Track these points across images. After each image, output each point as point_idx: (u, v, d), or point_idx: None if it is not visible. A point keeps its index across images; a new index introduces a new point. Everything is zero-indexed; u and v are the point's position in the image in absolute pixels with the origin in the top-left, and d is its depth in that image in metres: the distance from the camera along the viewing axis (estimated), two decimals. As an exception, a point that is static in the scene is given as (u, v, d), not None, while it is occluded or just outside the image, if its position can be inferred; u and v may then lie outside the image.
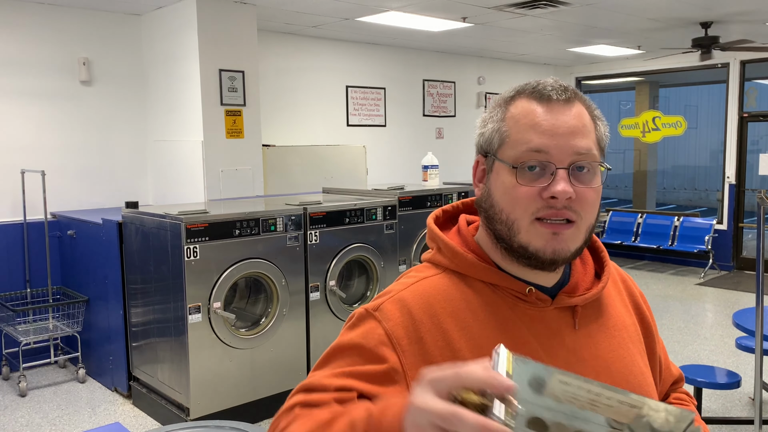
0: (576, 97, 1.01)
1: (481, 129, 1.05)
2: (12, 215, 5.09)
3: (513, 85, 1.05)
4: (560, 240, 0.97)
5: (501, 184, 0.99)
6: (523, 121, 0.98)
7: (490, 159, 1.02)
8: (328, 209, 4.30)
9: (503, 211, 0.99)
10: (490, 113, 1.04)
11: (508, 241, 0.99)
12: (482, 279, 1.03)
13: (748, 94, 8.37)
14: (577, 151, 0.97)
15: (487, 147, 1.03)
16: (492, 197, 1.01)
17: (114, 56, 5.58)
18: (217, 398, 3.87)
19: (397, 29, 6.60)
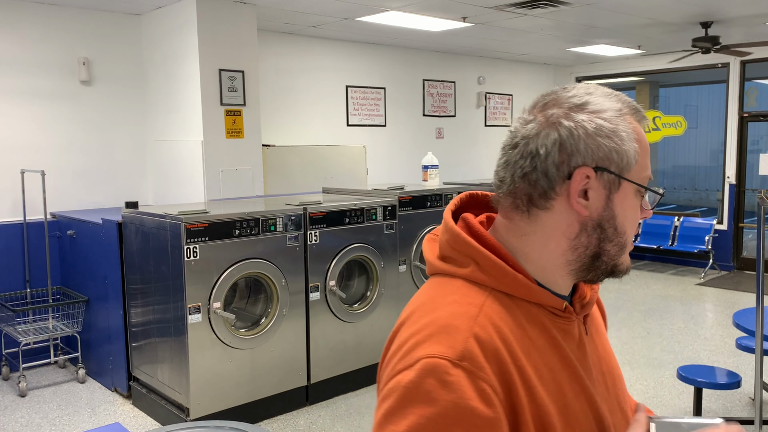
0: None
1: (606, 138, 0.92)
2: (12, 215, 5.09)
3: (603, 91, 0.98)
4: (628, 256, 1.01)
5: (630, 207, 0.95)
6: (643, 144, 0.95)
7: (613, 177, 0.93)
8: (328, 209, 4.30)
9: (625, 233, 0.96)
10: (613, 121, 0.93)
11: (611, 259, 0.97)
12: (529, 299, 0.96)
13: (749, 94, 8.36)
14: None
15: (617, 161, 0.93)
16: (616, 218, 0.95)
17: (114, 56, 5.58)
18: (217, 398, 3.87)
19: (397, 29, 6.60)
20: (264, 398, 4.09)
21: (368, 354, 4.62)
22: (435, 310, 0.93)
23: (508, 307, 0.93)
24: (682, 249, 8.36)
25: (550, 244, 0.97)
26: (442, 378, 0.83)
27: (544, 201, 0.95)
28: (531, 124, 0.95)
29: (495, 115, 9.15)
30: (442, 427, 0.82)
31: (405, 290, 4.85)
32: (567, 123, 0.92)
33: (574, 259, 0.97)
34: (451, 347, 0.85)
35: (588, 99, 0.94)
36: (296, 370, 4.23)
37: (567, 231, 0.95)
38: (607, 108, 0.93)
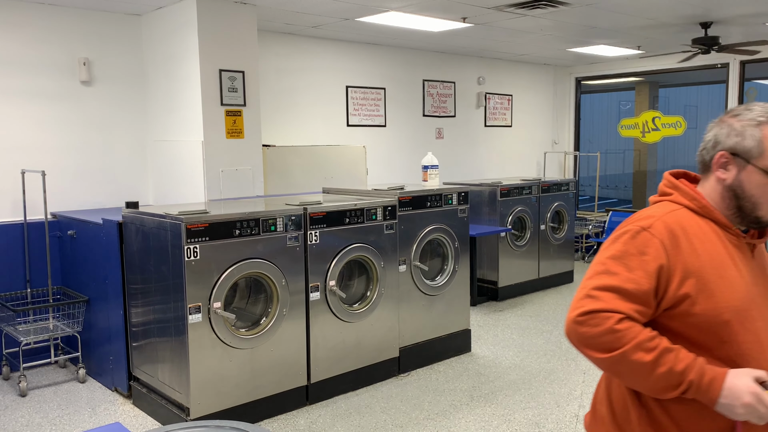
0: None
1: (737, 136, 1.57)
2: (12, 215, 5.10)
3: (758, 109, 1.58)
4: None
5: (756, 182, 1.55)
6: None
7: (741, 161, 1.57)
8: (328, 209, 4.30)
9: (753, 196, 1.56)
10: (745, 128, 1.57)
11: (749, 212, 1.58)
12: (710, 217, 1.60)
13: (748, 95, 8.37)
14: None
15: (745, 152, 1.56)
16: (743, 187, 1.57)
17: (114, 56, 5.59)
18: (217, 398, 3.88)
19: (397, 29, 6.60)
20: (264, 398, 4.09)
21: (368, 354, 4.62)
22: (648, 210, 1.65)
23: (693, 217, 1.60)
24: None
25: (714, 197, 1.63)
26: (633, 235, 1.56)
27: (708, 169, 1.64)
28: (719, 118, 1.65)
29: (495, 116, 9.15)
30: (627, 256, 1.54)
31: (405, 290, 4.86)
32: (721, 124, 1.62)
33: (727, 207, 1.61)
34: (646, 223, 1.58)
35: (740, 111, 1.60)
36: (296, 370, 4.24)
37: (717, 188, 1.63)
38: (747, 118, 1.58)
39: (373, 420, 4.10)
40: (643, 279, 1.50)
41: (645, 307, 1.51)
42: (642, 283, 1.50)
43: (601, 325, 1.47)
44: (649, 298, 1.51)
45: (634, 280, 1.50)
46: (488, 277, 7.04)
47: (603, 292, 1.51)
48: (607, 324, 1.47)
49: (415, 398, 4.43)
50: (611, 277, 1.52)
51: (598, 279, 1.54)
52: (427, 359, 5.05)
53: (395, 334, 4.79)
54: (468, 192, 5.32)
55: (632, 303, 1.50)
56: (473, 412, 4.21)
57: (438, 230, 5.07)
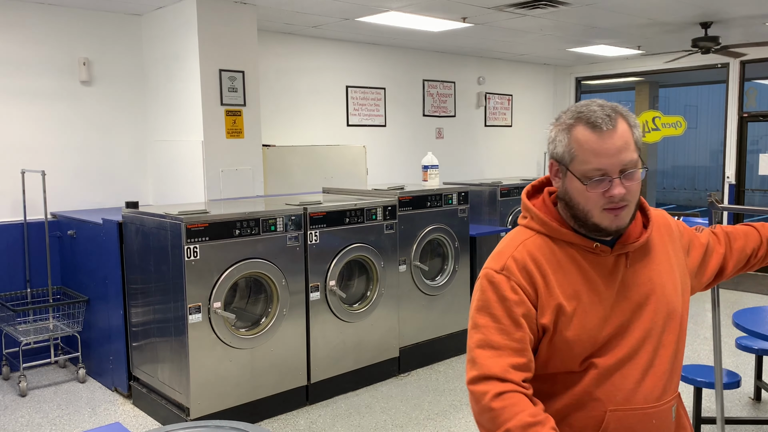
0: (618, 118, 1.43)
1: (552, 143, 1.50)
2: (12, 215, 5.10)
3: (568, 107, 1.49)
4: (620, 218, 1.45)
5: (575, 188, 1.46)
6: (585, 147, 1.43)
7: (563, 168, 1.48)
8: (328, 209, 4.30)
9: (579, 204, 1.46)
10: (557, 134, 1.48)
11: (584, 221, 1.47)
12: (563, 239, 1.50)
13: (748, 94, 8.37)
14: (624, 163, 1.42)
15: (560, 159, 1.48)
16: (569, 194, 1.48)
17: (114, 56, 5.58)
18: (217, 398, 3.88)
19: (397, 29, 6.60)
20: (264, 398, 4.09)
21: (368, 354, 4.62)
22: (502, 242, 1.57)
23: (547, 243, 1.51)
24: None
25: (562, 209, 1.53)
26: (490, 281, 1.49)
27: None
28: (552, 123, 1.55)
29: (495, 116, 9.15)
30: (490, 305, 1.46)
31: (405, 290, 4.86)
32: (549, 128, 1.53)
33: (568, 218, 1.51)
34: (497, 263, 1.50)
35: (560, 116, 1.50)
36: (296, 370, 4.24)
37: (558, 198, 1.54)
38: (561, 122, 1.48)
39: (373, 420, 4.10)
40: (511, 327, 1.43)
41: (522, 356, 1.43)
42: (511, 332, 1.43)
43: (480, 401, 1.40)
44: (525, 344, 1.43)
45: (502, 329, 1.43)
46: (488, 277, 7.02)
47: (478, 350, 1.44)
48: (483, 401, 1.39)
49: (415, 398, 4.43)
50: (480, 332, 1.45)
51: (471, 336, 1.47)
52: (427, 359, 5.05)
53: (395, 334, 4.79)
54: (468, 192, 5.31)
55: (507, 357, 1.41)
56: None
57: (438, 230, 5.07)
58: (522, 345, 1.43)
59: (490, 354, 1.42)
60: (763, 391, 4.41)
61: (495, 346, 1.42)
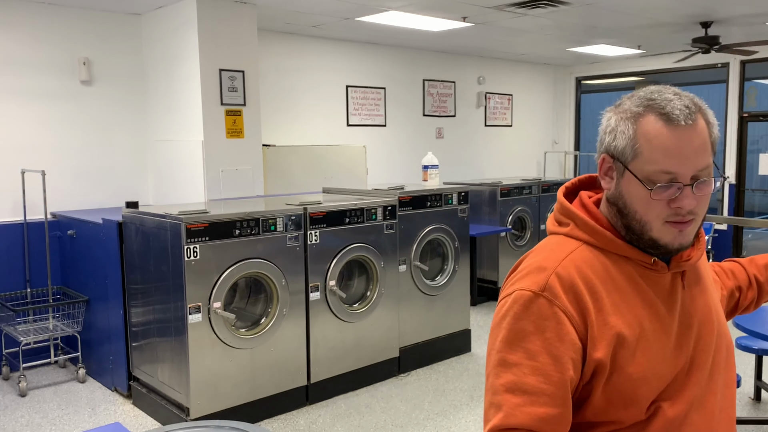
0: (698, 112, 1.17)
1: (609, 134, 1.21)
2: (12, 215, 5.09)
3: (637, 94, 1.20)
4: (684, 235, 1.19)
5: (635, 192, 1.18)
6: (655, 143, 1.15)
7: (619, 165, 1.19)
8: (328, 209, 4.30)
9: (637, 212, 1.18)
10: (618, 123, 1.19)
11: (639, 233, 1.20)
12: (616, 252, 1.22)
13: (748, 94, 8.37)
14: (699, 169, 1.15)
15: (619, 155, 1.19)
16: (624, 198, 1.20)
17: (114, 56, 5.58)
18: (217, 398, 3.87)
19: (397, 29, 6.60)
20: (264, 398, 4.09)
21: (368, 354, 4.62)
22: (538, 254, 1.26)
23: (597, 257, 1.22)
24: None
25: (610, 214, 1.26)
26: (526, 305, 1.17)
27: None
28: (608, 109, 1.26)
29: (495, 115, 9.15)
30: (525, 337, 1.16)
31: (405, 290, 4.85)
32: (603, 119, 1.24)
33: (619, 226, 1.23)
34: (536, 282, 1.18)
35: (623, 101, 1.22)
36: (296, 370, 4.23)
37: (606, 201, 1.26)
38: (624, 110, 1.20)
39: (373, 420, 4.10)
40: (550, 367, 1.13)
41: (561, 406, 1.14)
42: (550, 372, 1.14)
43: None
44: (566, 390, 1.15)
45: (539, 370, 1.14)
46: (488, 277, 7.04)
47: (504, 394, 1.15)
48: None
49: (415, 398, 4.43)
50: (511, 371, 1.15)
51: (495, 374, 1.18)
52: (427, 359, 5.05)
53: (395, 334, 4.79)
54: (468, 192, 5.31)
55: (542, 405, 1.13)
56: (473, 412, 4.21)
57: (438, 230, 5.07)
58: (563, 391, 1.14)
59: (521, 401, 1.13)
60: (763, 391, 4.41)
61: (528, 390, 1.13)
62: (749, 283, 1.55)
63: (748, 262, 1.58)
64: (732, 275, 1.56)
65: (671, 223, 1.17)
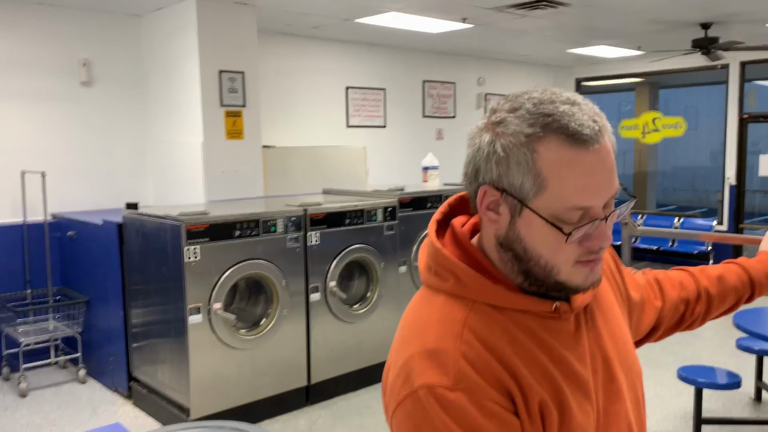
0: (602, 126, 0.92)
1: (498, 166, 0.92)
2: (12, 216, 5.10)
3: (522, 104, 0.92)
4: (595, 272, 0.97)
5: (539, 235, 0.93)
6: (564, 173, 0.89)
7: (514, 203, 0.92)
8: (328, 210, 4.30)
9: (542, 257, 0.94)
10: (508, 150, 0.91)
11: (543, 279, 0.96)
12: (513, 307, 0.97)
13: (749, 95, 8.37)
14: (611, 196, 0.94)
15: (515, 191, 0.92)
16: (524, 242, 0.94)
17: (114, 57, 5.59)
18: (217, 399, 3.87)
19: (397, 30, 6.60)
20: (264, 398, 4.09)
21: (368, 355, 4.62)
22: (423, 332, 0.96)
23: (493, 317, 0.96)
24: (682, 250, 8.35)
25: (493, 253, 0.99)
26: (442, 406, 0.89)
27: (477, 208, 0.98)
28: (480, 125, 0.96)
29: (495, 116, 9.14)
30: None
31: (405, 291, 4.85)
32: (478, 140, 0.94)
33: (512, 272, 0.98)
34: (444, 373, 0.90)
35: (504, 117, 0.92)
36: (296, 371, 4.23)
37: (492, 241, 0.99)
38: (512, 132, 0.91)
39: (373, 421, 4.09)
40: None
41: None
42: None
43: None
44: None
45: None
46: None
47: None
48: None
49: (416, 399, 4.42)
50: None
51: None
52: (427, 360, 5.04)
53: (395, 335, 4.78)
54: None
55: None
56: (473, 412, 4.20)
57: (438, 231, 5.07)
58: None
59: None
60: (763, 391, 4.41)
61: None
62: (698, 296, 1.34)
63: (699, 272, 1.38)
64: (680, 286, 1.34)
65: (582, 263, 0.95)
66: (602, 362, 1.04)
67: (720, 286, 1.35)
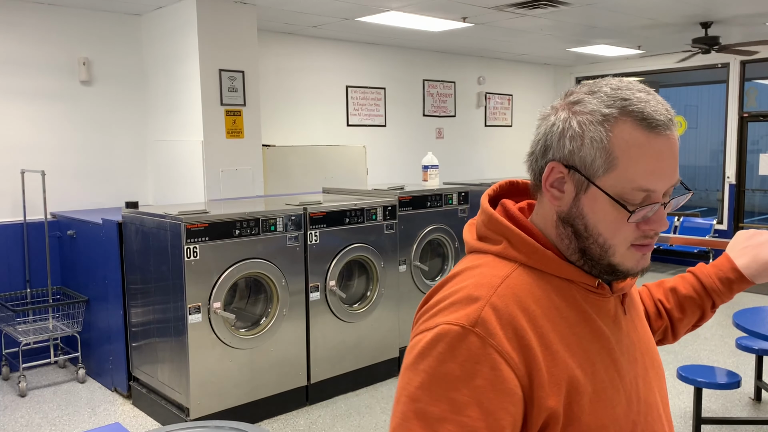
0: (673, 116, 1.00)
1: (572, 141, 0.96)
2: (12, 215, 5.09)
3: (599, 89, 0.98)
4: (646, 258, 1.01)
5: (602, 212, 0.96)
6: (635, 154, 0.93)
7: (581, 179, 0.96)
8: (328, 209, 4.30)
9: (601, 235, 0.97)
10: (584, 126, 0.95)
11: (598, 259, 0.99)
12: (559, 275, 1.01)
13: (749, 94, 8.36)
14: (673, 184, 0.98)
15: (584, 167, 0.96)
16: (586, 219, 0.98)
17: (114, 56, 5.58)
18: (217, 398, 3.87)
19: (397, 29, 6.60)
20: (264, 398, 4.09)
21: (368, 354, 4.62)
22: (464, 279, 0.99)
23: (537, 281, 0.99)
24: (682, 249, 8.36)
25: (551, 230, 1.03)
26: (452, 344, 0.91)
27: (539, 186, 1.03)
28: (555, 104, 1.03)
29: (495, 116, 9.15)
30: (451, 383, 0.90)
31: (405, 290, 4.85)
32: (553, 117, 1.00)
33: (567, 249, 1.02)
34: (466, 315, 0.92)
35: (582, 98, 0.98)
36: (296, 370, 4.23)
37: (552, 219, 1.03)
38: (590, 110, 0.96)
39: (373, 420, 4.09)
40: (480, 423, 0.87)
41: None
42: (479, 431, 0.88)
43: None
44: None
45: (466, 426, 0.87)
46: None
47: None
48: None
49: (415, 398, 4.42)
50: (427, 427, 0.88)
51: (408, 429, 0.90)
52: (427, 359, 5.04)
53: (395, 334, 4.78)
54: (468, 192, 5.31)
55: None
56: (473, 412, 4.20)
57: (438, 230, 5.07)
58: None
59: None
60: (763, 391, 4.41)
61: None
62: (656, 310, 1.34)
63: (656, 287, 1.38)
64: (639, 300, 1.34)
65: (636, 247, 0.98)
66: (640, 353, 1.07)
67: (674, 297, 1.35)
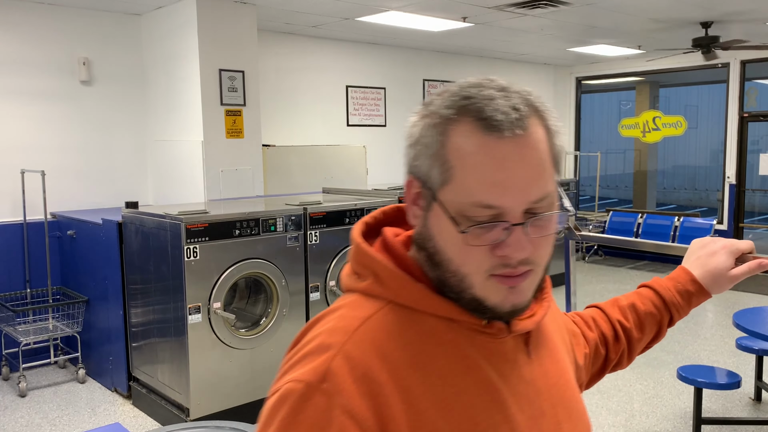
0: (533, 118, 0.79)
1: (410, 144, 0.83)
2: (12, 215, 5.09)
3: (450, 88, 0.83)
4: (518, 292, 0.82)
5: (446, 232, 0.80)
6: (470, 162, 0.77)
7: (428, 193, 0.81)
8: (328, 209, 4.30)
9: (452, 261, 0.80)
10: (423, 131, 0.81)
11: (459, 291, 0.82)
12: (437, 313, 0.83)
13: (749, 94, 8.36)
14: (534, 200, 0.78)
15: (423, 177, 0.81)
16: (435, 240, 0.82)
17: (114, 56, 5.58)
18: (217, 398, 3.87)
19: (397, 29, 6.60)
20: (264, 398, 4.07)
21: (368, 354, 4.61)
22: (324, 324, 0.84)
23: (407, 322, 0.82)
24: (682, 249, 8.34)
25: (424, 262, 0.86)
26: (295, 407, 0.78)
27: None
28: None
29: (495, 115, 9.14)
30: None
31: (405, 290, 4.85)
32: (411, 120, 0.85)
33: (434, 278, 0.84)
34: (313, 369, 0.79)
35: (433, 99, 0.83)
36: (296, 370, 4.23)
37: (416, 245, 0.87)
38: (431, 112, 0.81)
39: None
40: None
41: None
42: None
43: None
44: None
45: None
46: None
47: None
48: None
49: (415, 398, 4.42)
50: None
51: None
52: (427, 359, 5.04)
53: (395, 335, 4.78)
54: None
55: None
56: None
57: (438, 230, 5.07)
58: None
59: None
60: (763, 391, 4.41)
61: None
62: (614, 332, 1.20)
63: (611, 306, 1.23)
64: (594, 324, 1.20)
65: (498, 277, 0.80)
66: (549, 405, 0.89)
67: (634, 315, 1.21)
